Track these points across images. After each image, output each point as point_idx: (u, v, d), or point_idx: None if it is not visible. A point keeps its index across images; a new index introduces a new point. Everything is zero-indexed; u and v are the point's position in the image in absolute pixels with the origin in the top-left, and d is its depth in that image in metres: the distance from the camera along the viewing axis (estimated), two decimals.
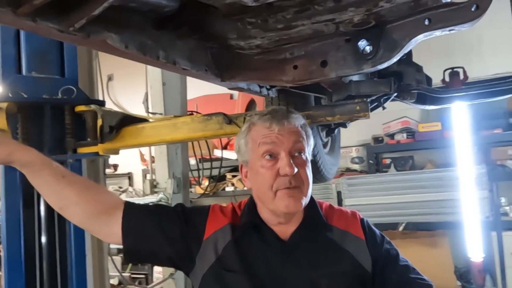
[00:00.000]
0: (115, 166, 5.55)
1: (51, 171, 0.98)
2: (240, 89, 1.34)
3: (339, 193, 4.19)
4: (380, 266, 1.02)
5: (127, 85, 5.26)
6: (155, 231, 1.02)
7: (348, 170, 4.84)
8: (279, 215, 1.01)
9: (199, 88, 4.42)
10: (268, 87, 1.54)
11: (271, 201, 0.98)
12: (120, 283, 3.76)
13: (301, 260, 1.00)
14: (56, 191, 0.98)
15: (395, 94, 1.39)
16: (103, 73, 2.23)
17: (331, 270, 0.99)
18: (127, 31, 0.81)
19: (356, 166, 4.83)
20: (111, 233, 1.00)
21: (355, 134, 4.82)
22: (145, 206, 1.12)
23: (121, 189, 4.66)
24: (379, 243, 1.06)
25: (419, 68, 1.49)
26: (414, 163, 4.14)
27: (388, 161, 4.30)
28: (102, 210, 1.00)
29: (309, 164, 1.02)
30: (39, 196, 1.51)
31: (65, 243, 1.55)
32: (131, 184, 5.57)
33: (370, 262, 1.02)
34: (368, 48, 0.97)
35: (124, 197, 4.48)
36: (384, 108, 2.01)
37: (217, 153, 5.15)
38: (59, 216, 1.37)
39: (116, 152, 1.58)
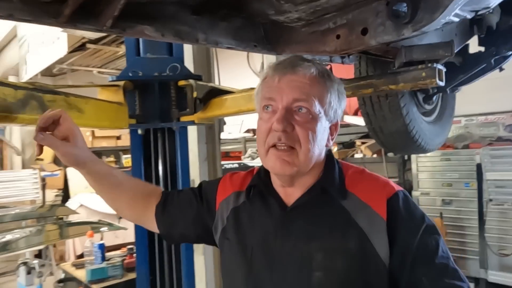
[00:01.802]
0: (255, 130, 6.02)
1: (110, 181, 1.07)
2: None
3: (478, 166, 3.70)
4: (410, 262, 0.83)
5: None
6: (179, 216, 1.08)
7: (500, 139, 4.20)
8: (277, 176, 0.93)
9: None
10: (343, 56, 1.50)
11: (264, 159, 0.89)
12: None
13: (299, 230, 0.88)
14: (113, 197, 1.10)
15: None
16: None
17: (330, 243, 0.85)
18: (161, 21, 0.95)
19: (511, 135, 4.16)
20: (155, 227, 1.11)
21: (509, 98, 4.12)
22: (174, 193, 1.14)
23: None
24: (412, 230, 0.85)
25: None
26: None
27: None
28: (148, 209, 1.10)
29: (320, 123, 0.87)
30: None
31: None
32: None
33: (386, 250, 0.84)
34: (405, 10, 0.89)
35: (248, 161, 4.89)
36: (501, 69, 1.72)
37: (347, 119, 5.09)
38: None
39: (210, 120, 1.80)
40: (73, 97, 1.32)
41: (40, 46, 4.73)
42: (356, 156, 5.04)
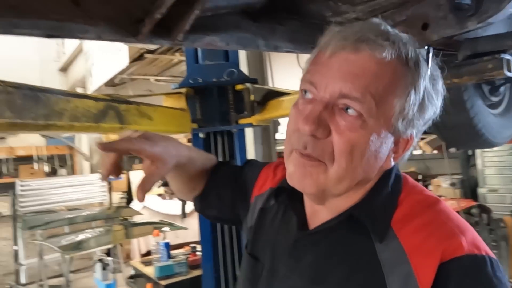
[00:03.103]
0: None
1: (190, 168, 0.90)
2: None
3: None
4: None
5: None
6: (215, 198, 0.94)
7: None
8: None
9: None
10: None
11: (286, 160, 0.65)
12: None
13: (307, 266, 0.65)
14: (185, 182, 0.94)
15: None
16: None
17: None
18: (226, 31, 1.01)
19: None
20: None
21: None
22: (217, 174, 0.95)
23: None
24: None
25: None
26: None
27: None
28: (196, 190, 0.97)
29: (375, 136, 0.59)
30: None
31: None
32: None
33: None
34: (467, 2, 0.87)
35: None
36: None
37: None
38: None
39: (266, 122, 1.85)
40: (143, 106, 1.43)
41: (103, 59, 5.09)
42: (415, 152, 4.87)
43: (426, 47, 1.00)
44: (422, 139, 4.77)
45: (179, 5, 0.78)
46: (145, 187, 0.72)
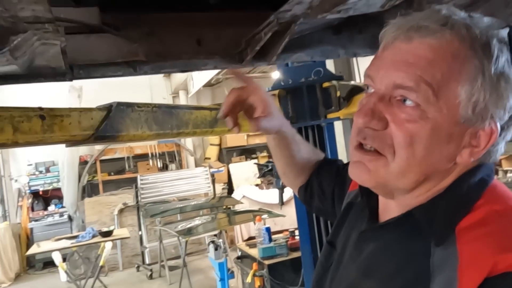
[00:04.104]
0: None
1: (294, 148, 0.95)
2: None
3: None
4: None
5: None
6: (318, 189, 0.97)
7: None
8: None
9: None
10: None
11: (350, 154, 0.66)
12: None
13: (365, 258, 0.65)
14: (289, 163, 0.99)
15: None
16: None
17: None
18: (310, 47, 1.21)
19: None
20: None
21: None
22: (321, 169, 0.99)
23: None
24: None
25: None
26: None
27: None
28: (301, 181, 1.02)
29: (436, 126, 0.56)
30: None
31: None
32: None
33: None
34: None
35: None
36: None
37: None
38: None
39: (353, 115, 2.00)
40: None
41: None
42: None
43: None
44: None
45: (272, 35, 1.01)
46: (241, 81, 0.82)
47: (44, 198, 7.15)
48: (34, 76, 0.86)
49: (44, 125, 0.91)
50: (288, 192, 4.03)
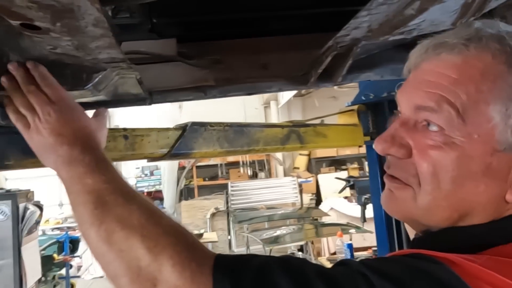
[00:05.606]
0: None
1: None
2: None
3: None
4: None
5: None
6: None
7: None
8: None
9: None
10: None
11: None
12: None
13: None
14: None
15: None
16: None
17: None
18: (379, 66, 1.18)
19: None
20: None
21: None
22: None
23: None
24: None
25: None
26: None
27: None
28: None
29: (464, 153, 0.49)
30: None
31: None
32: None
33: None
34: None
35: None
36: None
37: None
38: None
39: None
40: (319, 127, 1.70)
41: None
42: None
43: None
44: None
45: (335, 57, 1.02)
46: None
47: None
48: (119, 102, 0.99)
49: (127, 143, 1.04)
50: (372, 209, 3.87)
